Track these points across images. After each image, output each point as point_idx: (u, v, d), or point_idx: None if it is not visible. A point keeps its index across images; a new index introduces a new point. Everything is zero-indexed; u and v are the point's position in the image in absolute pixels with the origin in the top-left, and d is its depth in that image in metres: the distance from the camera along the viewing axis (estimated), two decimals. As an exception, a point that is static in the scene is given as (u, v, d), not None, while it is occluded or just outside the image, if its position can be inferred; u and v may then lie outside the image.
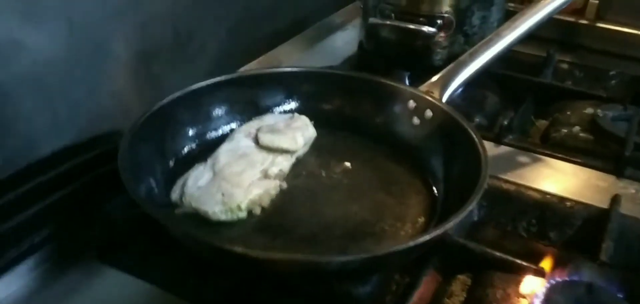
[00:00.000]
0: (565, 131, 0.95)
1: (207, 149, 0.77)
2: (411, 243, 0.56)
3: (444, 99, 0.79)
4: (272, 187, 0.70)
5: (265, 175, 0.72)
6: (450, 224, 0.58)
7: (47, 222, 0.66)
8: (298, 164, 0.77)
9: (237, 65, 1.00)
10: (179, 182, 0.71)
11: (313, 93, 0.83)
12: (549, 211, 0.75)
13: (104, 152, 0.73)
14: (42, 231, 0.65)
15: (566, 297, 0.63)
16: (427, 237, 0.56)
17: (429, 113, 0.78)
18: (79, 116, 0.74)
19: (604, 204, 0.75)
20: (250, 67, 1.02)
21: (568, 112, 0.99)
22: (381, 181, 0.75)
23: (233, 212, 0.67)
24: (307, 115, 0.80)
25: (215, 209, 0.66)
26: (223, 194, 0.67)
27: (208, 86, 0.78)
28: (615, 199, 0.74)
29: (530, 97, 1.02)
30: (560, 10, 0.92)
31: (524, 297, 0.65)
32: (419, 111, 0.79)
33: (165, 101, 0.74)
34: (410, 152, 0.79)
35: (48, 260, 0.65)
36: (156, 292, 0.62)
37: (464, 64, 0.84)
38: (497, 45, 0.86)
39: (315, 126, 0.81)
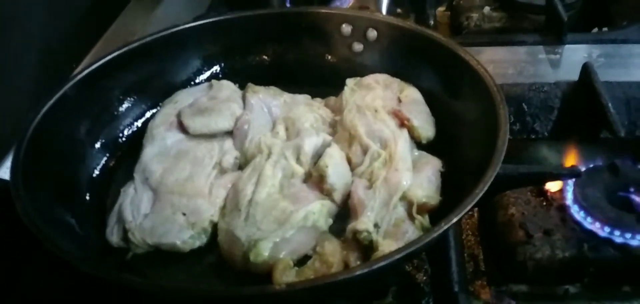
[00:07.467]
0: (476, 15, 0.88)
1: (126, 156, 0.58)
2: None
3: (384, 9, 0.66)
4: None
5: (221, 169, 0.55)
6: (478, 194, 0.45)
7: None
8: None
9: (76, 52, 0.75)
10: (112, 219, 0.52)
11: (236, 47, 0.65)
12: (525, 102, 0.67)
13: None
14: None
15: (595, 185, 0.57)
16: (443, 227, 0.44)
17: (372, 33, 0.65)
18: None
19: (570, 76, 0.69)
20: (97, 50, 0.78)
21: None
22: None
23: (206, 233, 0.50)
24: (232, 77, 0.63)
25: (184, 237, 0.49)
26: (184, 214, 0.50)
27: (100, 66, 0.58)
28: (586, 68, 0.68)
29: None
30: None
31: (552, 203, 0.57)
32: (358, 35, 0.66)
33: (48, 105, 0.53)
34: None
35: None
36: None
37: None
38: None
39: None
